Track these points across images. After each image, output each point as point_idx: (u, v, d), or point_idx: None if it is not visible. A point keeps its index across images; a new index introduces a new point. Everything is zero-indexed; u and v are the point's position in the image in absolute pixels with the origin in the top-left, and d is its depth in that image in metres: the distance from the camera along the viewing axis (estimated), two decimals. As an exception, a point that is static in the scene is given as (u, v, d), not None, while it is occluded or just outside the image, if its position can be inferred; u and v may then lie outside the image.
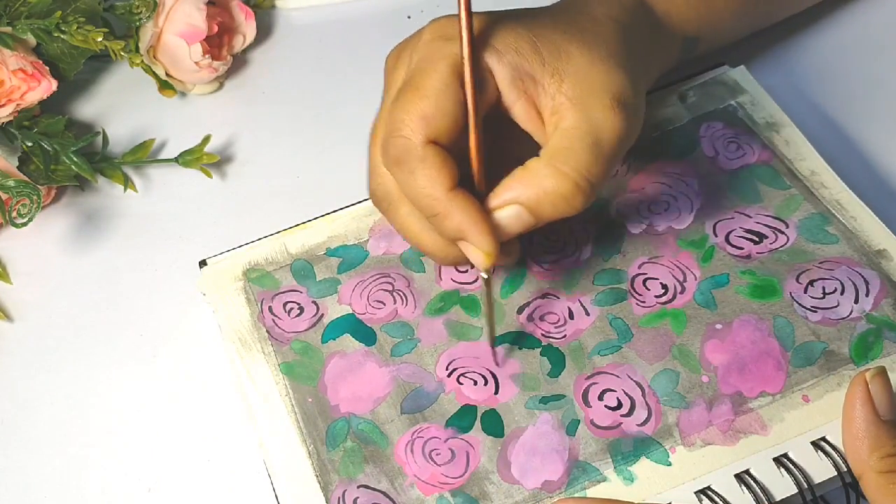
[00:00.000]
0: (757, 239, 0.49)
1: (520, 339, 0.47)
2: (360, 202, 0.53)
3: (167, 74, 0.62)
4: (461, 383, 0.46)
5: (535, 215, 0.41)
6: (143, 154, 0.60)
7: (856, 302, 0.46)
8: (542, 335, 0.47)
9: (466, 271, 0.50)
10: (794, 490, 0.41)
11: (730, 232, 0.49)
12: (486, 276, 0.43)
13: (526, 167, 0.41)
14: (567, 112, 0.42)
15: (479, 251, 0.41)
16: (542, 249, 0.50)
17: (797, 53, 0.61)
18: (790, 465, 0.42)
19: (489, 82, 0.42)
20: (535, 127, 0.43)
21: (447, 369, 0.46)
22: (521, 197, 0.41)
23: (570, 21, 0.45)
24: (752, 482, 0.41)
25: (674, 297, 0.47)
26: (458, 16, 0.41)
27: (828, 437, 0.42)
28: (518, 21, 0.44)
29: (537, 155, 0.42)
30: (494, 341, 0.46)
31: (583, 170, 0.41)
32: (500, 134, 0.45)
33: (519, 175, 0.41)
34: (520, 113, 0.43)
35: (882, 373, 0.41)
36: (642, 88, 0.46)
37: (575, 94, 0.42)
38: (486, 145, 0.43)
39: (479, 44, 0.42)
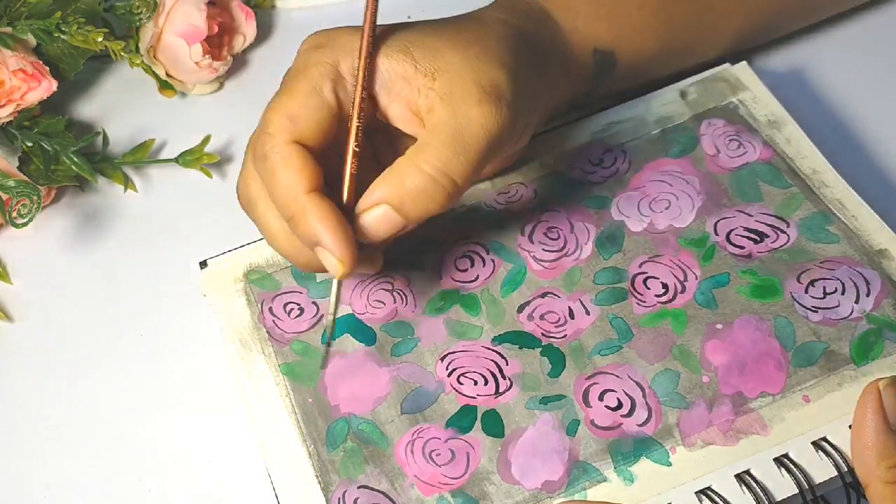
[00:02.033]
0: (758, 238, 0.49)
1: (520, 339, 0.47)
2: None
3: (167, 74, 0.62)
4: (461, 383, 0.46)
5: (403, 214, 0.41)
6: (143, 154, 0.60)
7: (856, 302, 0.46)
8: (543, 334, 0.47)
9: (466, 270, 0.50)
10: (795, 490, 0.41)
11: (731, 231, 0.49)
12: (337, 280, 0.42)
13: (392, 166, 0.42)
14: (437, 107, 0.42)
15: (332, 258, 0.41)
16: (543, 248, 0.50)
17: (801, 50, 0.61)
18: (791, 466, 0.42)
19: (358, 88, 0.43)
20: (414, 128, 0.43)
21: (447, 369, 0.46)
22: (387, 196, 0.41)
23: (452, 26, 0.46)
24: (752, 482, 0.41)
25: (674, 296, 0.47)
26: (363, 27, 0.43)
27: (828, 438, 0.42)
28: (392, 29, 0.45)
29: None
30: (330, 344, 0.47)
31: (442, 165, 0.41)
32: (397, 146, 0.45)
33: (384, 175, 0.42)
34: (396, 115, 0.43)
35: (894, 382, 0.41)
36: (528, 90, 0.45)
37: (445, 90, 0.42)
38: (365, 157, 0.43)
39: (351, 52, 0.43)
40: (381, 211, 0.41)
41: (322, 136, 0.42)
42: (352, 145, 0.43)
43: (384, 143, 0.47)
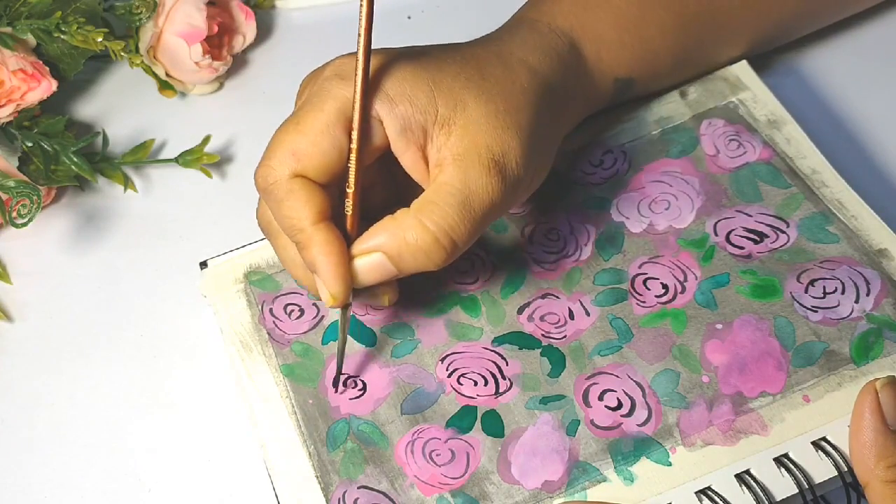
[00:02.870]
0: (758, 238, 0.49)
1: (520, 340, 0.47)
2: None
3: (167, 74, 0.62)
4: (461, 384, 0.46)
5: (396, 265, 0.41)
6: (143, 154, 0.60)
7: (856, 301, 0.46)
8: (543, 335, 0.47)
9: (467, 272, 0.50)
10: (795, 490, 0.41)
11: (730, 231, 0.49)
12: (335, 310, 0.43)
13: (394, 216, 0.41)
14: (447, 166, 0.42)
15: (325, 290, 0.41)
16: (543, 249, 0.50)
17: (800, 49, 0.61)
18: (791, 466, 0.42)
19: (378, 130, 0.42)
20: (422, 177, 0.43)
21: (447, 370, 0.46)
22: (384, 245, 0.41)
23: (478, 66, 0.44)
24: (752, 482, 0.41)
25: (674, 296, 0.47)
26: (356, 56, 0.40)
27: (828, 437, 0.42)
28: (419, 64, 0.43)
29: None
30: (339, 375, 0.46)
31: (446, 226, 0.41)
32: (398, 176, 0.45)
33: (385, 223, 0.41)
34: (408, 163, 0.43)
35: (892, 382, 0.41)
36: (541, 146, 0.45)
37: (458, 150, 0.42)
38: (371, 190, 0.43)
39: (372, 88, 0.42)
40: (376, 258, 0.41)
41: (329, 174, 0.42)
42: (352, 186, 0.42)
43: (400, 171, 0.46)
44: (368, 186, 0.45)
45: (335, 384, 0.46)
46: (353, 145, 0.41)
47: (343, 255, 0.41)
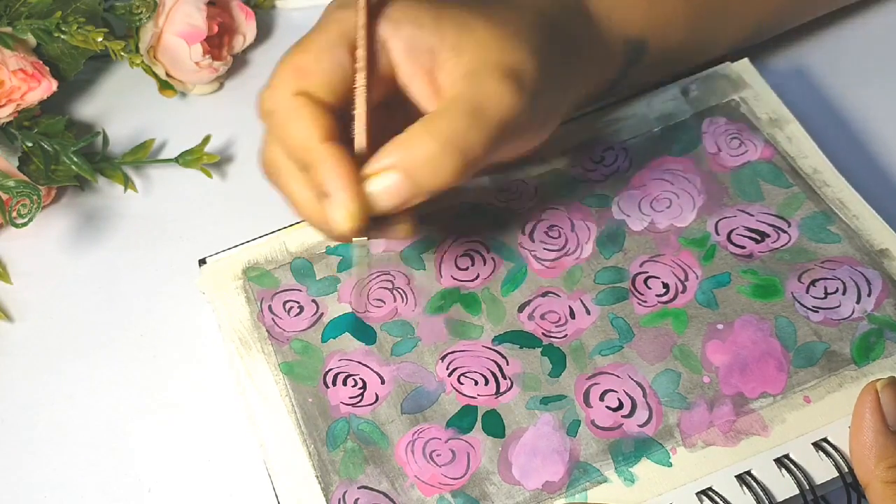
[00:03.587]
0: (759, 238, 0.49)
1: (520, 339, 0.47)
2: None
3: (167, 74, 0.62)
4: (462, 383, 0.46)
5: (413, 182, 0.39)
6: (143, 154, 0.60)
7: (857, 302, 0.46)
8: (543, 334, 0.47)
9: (467, 269, 0.49)
10: (796, 491, 0.41)
11: (732, 230, 0.49)
12: (356, 243, 0.40)
13: (406, 132, 0.40)
14: (458, 81, 0.41)
15: (341, 209, 0.39)
16: (543, 246, 0.50)
17: (802, 47, 0.61)
18: (791, 466, 0.42)
19: (383, 57, 0.41)
20: (431, 105, 0.42)
21: (448, 369, 0.46)
22: (397, 162, 0.39)
23: (483, 2, 0.44)
24: (753, 483, 0.41)
25: (675, 296, 0.47)
26: None
27: (829, 438, 0.42)
28: None
29: None
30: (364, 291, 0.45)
31: (454, 135, 0.39)
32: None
33: (394, 140, 0.40)
34: (417, 89, 0.42)
35: (893, 383, 0.41)
36: (555, 80, 0.44)
37: (469, 67, 0.41)
38: (378, 120, 0.41)
39: (375, 11, 0.41)
40: (390, 178, 0.39)
41: (333, 94, 0.40)
42: (360, 83, 0.41)
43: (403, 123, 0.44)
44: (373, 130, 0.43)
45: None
46: (359, 63, 0.40)
47: (355, 173, 0.39)
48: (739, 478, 0.42)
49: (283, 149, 0.41)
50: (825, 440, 0.42)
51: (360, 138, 0.41)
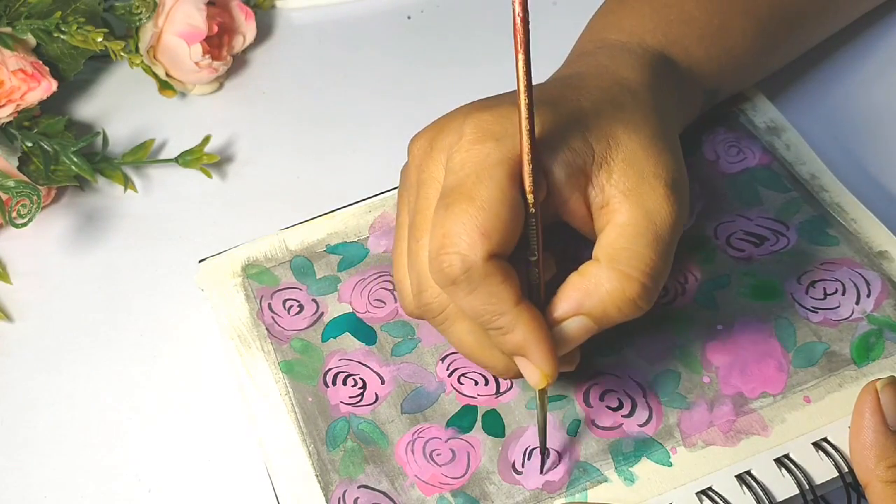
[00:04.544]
0: (758, 241, 0.49)
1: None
2: (359, 201, 0.53)
3: (167, 74, 0.62)
4: (462, 383, 0.46)
5: (600, 323, 0.39)
6: (143, 154, 0.60)
7: (857, 303, 0.46)
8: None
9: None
10: (796, 491, 0.41)
11: (731, 234, 0.49)
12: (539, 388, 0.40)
13: (584, 273, 0.39)
14: (620, 205, 0.39)
15: (537, 371, 0.38)
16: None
17: (798, 59, 0.61)
18: (791, 466, 0.42)
19: (542, 185, 0.39)
20: (583, 223, 0.41)
21: (448, 369, 0.46)
22: (585, 306, 0.38)
23: (610, 99, 0.42)
24: (753, 483, 0.41)
25: (675, 298, 0.47)
26: (518, 109, 0.37)
27: (829, 438, 0.42)
28: (562, 108, 0.41)
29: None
30: (545, 451, 0.43)
31: (647, 268, 0.38)
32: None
33: (576, 282, 0.39)
34: (572, 209, 0.40)
35: (893, 383, 0.41)
36: (682, 158, 0.43)
37: (627, 185, 0.39)
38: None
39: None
40: (577, 322, 0.39)
41: (514, 243, 0.38)
42: (538, 253, 0.39)
43: None
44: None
45: (542, 463, 0.43)
46: (533, 209, 0.38)
47: (549, 336, 0.38)
48: (739, 478, 0.42)
49: (468, 311, 0.38)
50: (825, 440, 0.42)
51: (534, 272, 0.40)
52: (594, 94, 0.42)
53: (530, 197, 0.38)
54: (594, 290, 0.38)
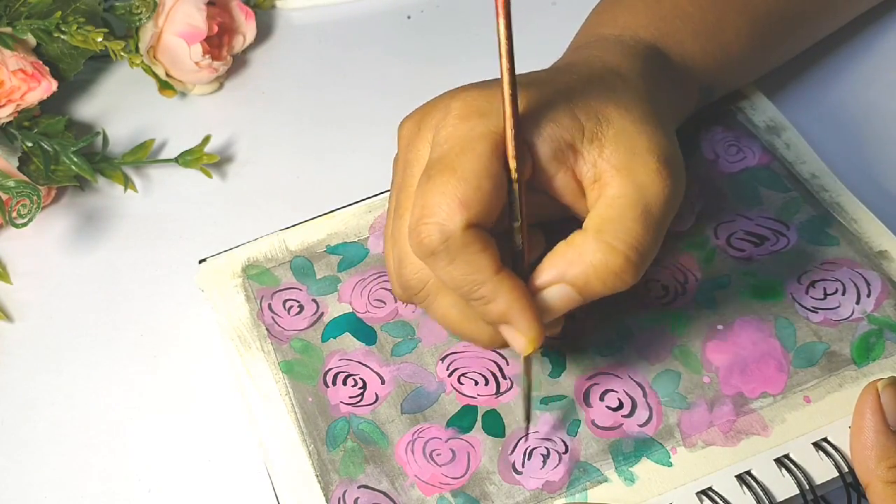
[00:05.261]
0: (758, 241, 0.49)
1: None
2: (359, 201, 0.53)
3: (167, 74, 0.62)
4: (462, 383, 0.46)
5: (583, 293, 0.39)
6: (143, 154, 0.60)
7: (857, 303, 0.46)
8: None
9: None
10: (796, 491, 0.41)
11: (731, 234, 0.49)
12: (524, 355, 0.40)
13: (570, 242, 0.39)
14: (611, 179, 0.39)
15: (522, 337, 0.38)
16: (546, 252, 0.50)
17: (799, 55, 0.61)
18: (791, 466, 0.42)
19: (527, 159, 0.39)
20: (574, 199, 0.41)
21: (448, 369, 0.46)
22: (568, 275, 0.38)
23: (600, 81, 0.42)
24: (753, 483, 0.41)
25: (675, 298, 0.47)
26: (499, 87, 0.37)
27: (829, 438, 0.42)
28: (549, 86, 0.41)
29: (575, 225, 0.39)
30: (529, 419, 0.44)
31: (633, 241, 0.38)
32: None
33: (563, 251, 0.39)
34: (559, 185, 0.40)
35: (894, 383, 0.41)
36: (676, 141, 0.43)
37: (619, 160, 0.39)
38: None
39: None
40: (559, 290, 0.39)
41: (494, 214, 0.38)
42: (520, 219, 0.39)
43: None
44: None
45: (525, 429, 0.44)
46: (515, 175, 0.38)
47: (532, 302, 0.38)
48: (739, 478, 0.42)
49: (448, 282, 0.39)
50: (825, 440, 0.42)
51: (518, 240, 0.40)
52: (584, 76, 0.43)
53: (512, 163, 0.38)
54: (578, 260, 0.38)
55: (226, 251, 0.52)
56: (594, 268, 0.38)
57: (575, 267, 0.38)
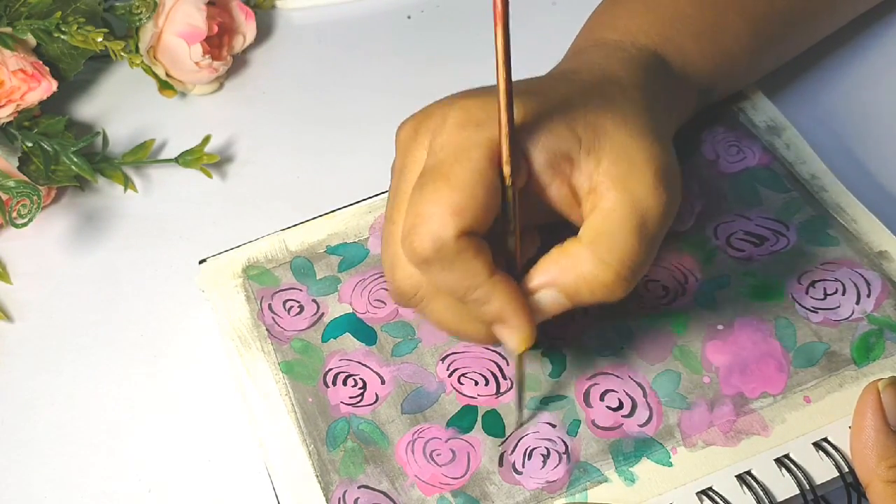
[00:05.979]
0: (758, 241, 0.49)
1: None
2: (360, 201, 0.53)
3: (167, 74, 0.62)
4: (462, 383, 0.46)
5: (573, 301, 0.39)
6: (143, 154, 0.60)
7: (857, 303, 0.46)
8: (544, 335, 0.47)
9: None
10: (796, 491, 0.41)
11: (731, 234, 0.49)
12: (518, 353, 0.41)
13: (564, 250, 0.39)
14: (607, 191, 0.39)
15: (515, 335, 0.39)
16: (542, 249, 0.50)
17: (799, 56, 0.61)
18: (792, 466, 0.42)
19: (522, 167, 0.39)
20: (569, 209, 0.41)
21: (448, 370, 0.46)
22: (559, 281, 0.39)
23: (599, 92, 0.42)
24: (753, 483, 0.41)
25: (675, 298, 0.47)
26: (497, 95, 0.37)
27: (829, 438, 0.42)
28: (547, 96, 0.41)
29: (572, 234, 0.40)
30: (521, 417, 0.44)
31: (625, 257, 0.38)
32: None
33: (556, 258, 0.39)
34: (554, 195, 0.40)
35: (894, 383, 0.41)
36: (674, 154, 0.43)
37: (615, 172, 0.39)
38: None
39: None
40: (549, 295, 0.39)
41: (488, 223, 0.39)
42: (516, 223, 0.40)
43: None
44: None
45: (518, 422, 0.44)
46: (508, 182, 0.38)
47: (525, 303, 0.39)
48: (740, 478, 0.42)
49: (443, 287, 0.39)
50: (825, 440, 0.42)
51: (511, 244, 0.40)
52: (583, 86, 0.43)
53: (506, 169, 0.38)
54: (570, 269, 0.39)
55: (226, 251, 0.52)
56: (585, 279, 0.38)
57: (567, 275, 0.39)
